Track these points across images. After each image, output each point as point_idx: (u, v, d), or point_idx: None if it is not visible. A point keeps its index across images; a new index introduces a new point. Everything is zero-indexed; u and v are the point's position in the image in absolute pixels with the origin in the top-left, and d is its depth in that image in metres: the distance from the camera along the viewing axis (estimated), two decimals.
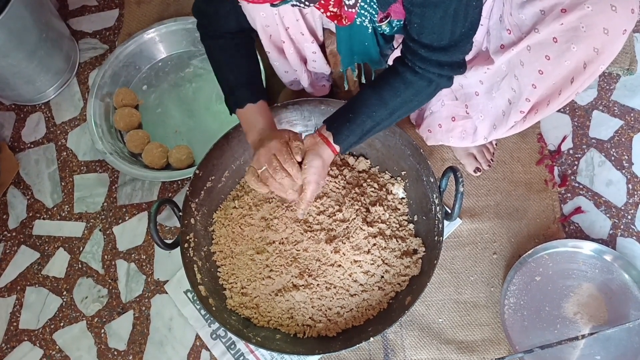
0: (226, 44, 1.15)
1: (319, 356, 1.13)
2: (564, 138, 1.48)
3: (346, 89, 1.41)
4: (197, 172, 1.27)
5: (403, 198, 1.32)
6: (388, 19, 1.08)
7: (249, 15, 1.11)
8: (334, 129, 1.07)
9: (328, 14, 0.94)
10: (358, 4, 0.94)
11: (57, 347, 1.42)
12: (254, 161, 1.09)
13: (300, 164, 1.06)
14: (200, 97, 1.64)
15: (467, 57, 1.14)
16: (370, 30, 1.14)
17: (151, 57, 1.70)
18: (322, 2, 0.91)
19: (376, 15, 1.07)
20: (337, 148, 1.07)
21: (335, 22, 0.96)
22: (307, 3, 0.85)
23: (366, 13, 1.07)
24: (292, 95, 1.51)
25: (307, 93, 1.47)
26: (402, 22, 1.11)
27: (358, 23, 1.11)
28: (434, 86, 1.04)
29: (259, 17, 1.10)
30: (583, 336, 1.25)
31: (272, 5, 0.83)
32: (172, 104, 1.64)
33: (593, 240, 1.36)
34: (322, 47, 1.29)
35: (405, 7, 0.95)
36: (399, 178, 1.33)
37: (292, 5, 0.86)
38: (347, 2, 0.92)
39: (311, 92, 1.45)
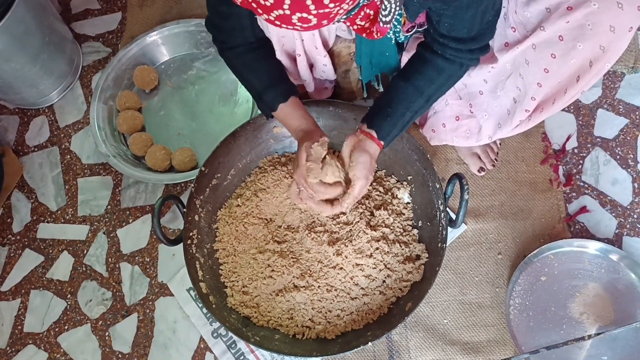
0: (243, 51, 1.12)
1: (317, 358, 1.14)
2: (569, 137, 1.47)
3: (365, 96, 1.41)
4: (203, 169, 1.27)
5: (408, 203, 1.31)
6: (415, 29, 1.08)
7: (266, 28, 1.10)
8: (376, 127, 1.07)
9: (355, 27, 0.94)
10: (393, 20, 0.94)
11: (62, 350, 1.42)
12: (294, 174, 1.09)
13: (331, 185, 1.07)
14: (203, 99, 1.64)
15: None
16: (393, 42, 1.15)
17: (154, 59, 1.70)
18: (351, 16, 0.91)
19: (398, 26, 1.07)
20: (382, 143, 1.08)
21: (364, 35, 0.96)
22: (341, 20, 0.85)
23: (393, 26, 1.08)
24: None
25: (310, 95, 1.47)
26: (417, 30, 1.12)
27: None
28: (464, 69, 1.05)
29: (275, 27, 1.09)
30: (589, 336, 1.24)
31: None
32: (175, 106, 1.64)
33: (599, 239, 1.35)
34: (331, 55, 1.29)
35: (434, 10, 0.96)
36: (404, 183, 1.33)
37: None
38: (383, 19, 0.92)
39: (314, 96, 1.45)
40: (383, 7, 0.92)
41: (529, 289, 1.31)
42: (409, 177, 1.31)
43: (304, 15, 0.69)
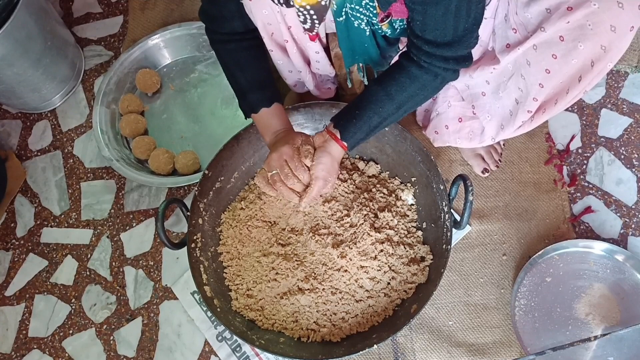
0: (235, 47, 1.14)
1: None
2: (573, 137, 1.47)
3: (350, 86, 1.40)
4: (207, 172, 1.27)
5: (412, 204, 1.31)
6: (389, 19, 1.07)
7: (251, 12, 1.10)
8: (341, 127, 1.07)
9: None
10: (315, 28, 0.93)
11: (67, 354, 1.42)
12: (265, 163, 1.11)
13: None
14: (206, 102, 1.64)
15: (474, 57, 1.14)
16: (368, 33, 1.14)
17: (156, 63, 1.70)
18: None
19: (374, 18, 1.06)
20: (345, 144, 1.07)
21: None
22: (282, 3, 0.84)
23: (362, 16, 1.07)
24: (296, 99, 1.50)
25: (312, 96, 1.46)
26: (404, 23, 1.11)
27: (356, 25, 1.11)
28: (439, 80, 1.04)
29: (261, 14, 1.09)
30: (595, 337, 1.24)
31: None
32: (178, 109, 1.64)
33: (604, 240, 1.34)
34: (327, 49, 1.28)
35: (406, 4, 0.95)
36: (408, 184, 1.32)
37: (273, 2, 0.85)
38: (304, 26, 0.92)
39: (316, 95, 1.44)
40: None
41: (534, 290, 1.30)
42: (413, 179, 1.31)
43: None
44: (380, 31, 1.13)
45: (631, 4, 0.88)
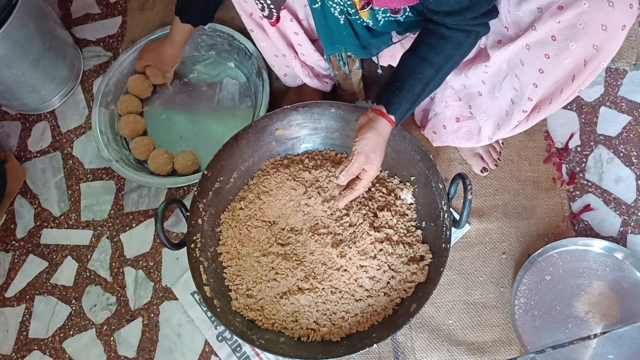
0: None
1: None
2: (572, 135, 1.47)
3: (330, 75, 1.40)
4: (206, 172, 1.27)
5: (411, 204, 1.31)
6: (369, 6, 1.06)
7: None
8: (385, 101, 1.05)
9: None
10: (274, 16, 0.93)
11: (67, 355, 1.42)
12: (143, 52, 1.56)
13: None
14: (205, 102, 1.64)
15: (470, 56, 1.14)
16: (342, 22, 1.13)
17: None
18: None
19: (351, 9, 1.05)
20: (392, 118, 1.04)
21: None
22: None
23: (335, 4, 1.07)
24: (295, 99, 1.50)
25: (308, 93, 1.46)
26: (389, 16, 1.10)
27: (332, 12, 1.11)
28: (473, 35, 1.01)
29: None
30: (595, 335, 1.24)
31: None
32: (177, 110, 1.64)
33: (603, 238, 1.34)
34: (315, 41, 1.28)
35: None
36: (407, 183, 1.32)
37: None
38: (262, 13, 0.92)
39: (312, 85, 1.44)
40: None
41: (534, 288, 1.31)
42: (412, 178, 1.31)
43: None
44: (359, 21, 1.13)
45: (622, 3, 0.88)
